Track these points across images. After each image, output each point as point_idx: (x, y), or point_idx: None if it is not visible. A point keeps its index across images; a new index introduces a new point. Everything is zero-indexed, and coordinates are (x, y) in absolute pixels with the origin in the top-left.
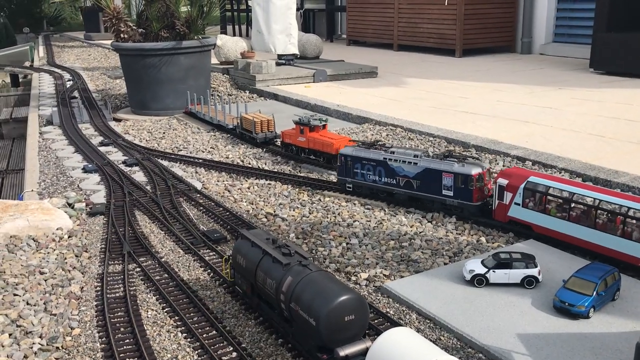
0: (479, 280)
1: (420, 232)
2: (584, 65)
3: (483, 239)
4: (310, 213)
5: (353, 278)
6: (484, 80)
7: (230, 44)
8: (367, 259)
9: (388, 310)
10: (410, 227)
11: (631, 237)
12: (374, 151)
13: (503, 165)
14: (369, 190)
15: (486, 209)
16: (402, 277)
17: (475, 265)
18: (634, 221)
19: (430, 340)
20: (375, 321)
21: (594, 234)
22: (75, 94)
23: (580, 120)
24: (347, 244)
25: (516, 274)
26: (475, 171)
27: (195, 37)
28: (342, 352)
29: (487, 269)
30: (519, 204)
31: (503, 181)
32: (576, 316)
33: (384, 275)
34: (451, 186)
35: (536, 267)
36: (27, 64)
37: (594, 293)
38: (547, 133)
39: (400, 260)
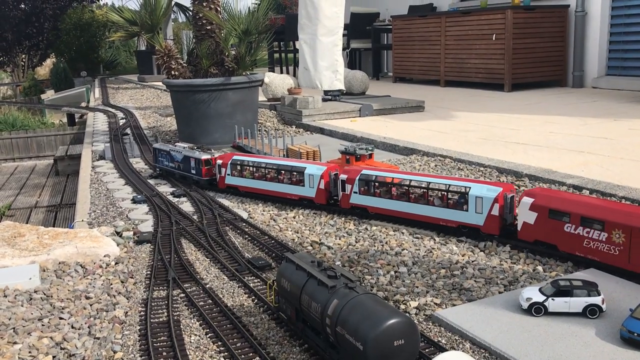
0: (537, 309)
1: (472, 261)
2: None
3: (540, 268)
4: (356, 242)
5: (402, 306)
6: (534, 112)
7: (277, 81)
8: (417, 287)
9: (440, 339)
10: (462, 255)
11: (283, 181)
12: (166, 145)
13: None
14: (166, 172)
15: (214, 182)
16: (454, 305)
17: (532, 293)
18: (290, 174)
19: None
20: (427, 350)
21: (269, 185)
22: (128, 130)
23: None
24: (395, 272)
25: (577, 303)
26: (204, 157)
27: (244, 73)
28: None
29: (545, 297)
30: (230, 174)
31: (219, 161)
32: None
33: (435, 303)
34: (194, 167)
35: (599, 295)
36: (83, 104)
37: None
38: (604, 162)
39: (452, 289)
